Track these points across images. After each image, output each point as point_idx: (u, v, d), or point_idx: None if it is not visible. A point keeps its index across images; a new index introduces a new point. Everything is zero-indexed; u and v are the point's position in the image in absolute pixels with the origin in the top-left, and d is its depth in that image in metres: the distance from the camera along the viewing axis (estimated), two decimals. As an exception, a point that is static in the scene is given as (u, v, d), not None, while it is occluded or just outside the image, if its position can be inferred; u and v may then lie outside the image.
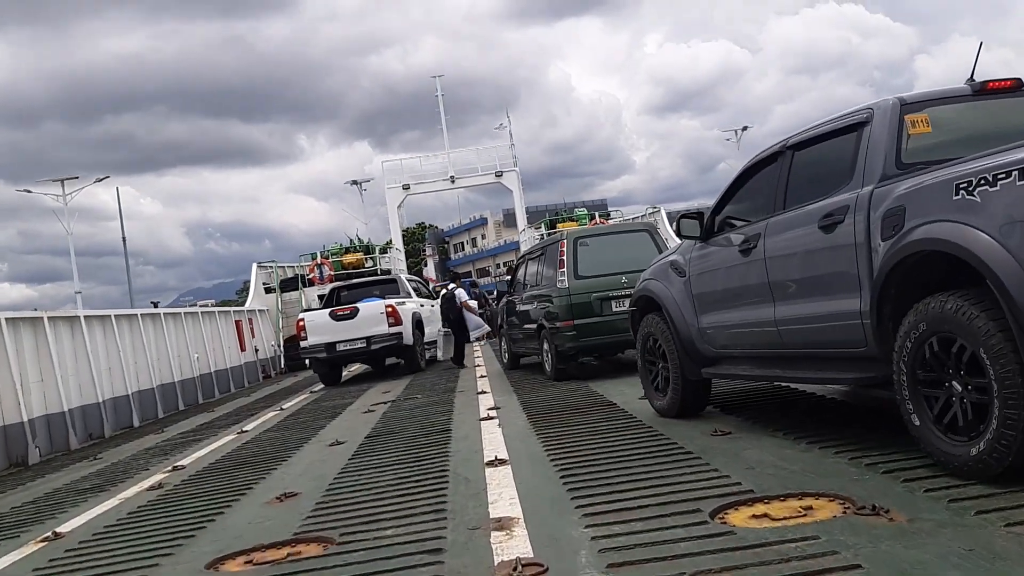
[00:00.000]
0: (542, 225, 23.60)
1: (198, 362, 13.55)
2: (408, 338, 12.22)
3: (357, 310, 12.08)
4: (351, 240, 23.13)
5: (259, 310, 19.03)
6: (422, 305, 13.59)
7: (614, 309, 8.59)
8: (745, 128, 42.25)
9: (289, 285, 21.16)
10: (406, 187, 29.58)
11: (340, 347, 12.03)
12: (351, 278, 21.25)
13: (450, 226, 71.49)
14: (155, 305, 18.05)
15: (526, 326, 10.21)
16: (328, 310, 12.40)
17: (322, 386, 12.58)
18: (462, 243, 70.91)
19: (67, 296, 33.76)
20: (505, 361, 11.64)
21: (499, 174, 29.84)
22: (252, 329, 17.60)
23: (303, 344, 12.26)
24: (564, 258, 8.86)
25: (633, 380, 6.49)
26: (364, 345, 11.97)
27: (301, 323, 12.24)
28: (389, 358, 13.29)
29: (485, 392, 8.72)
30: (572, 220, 23.00)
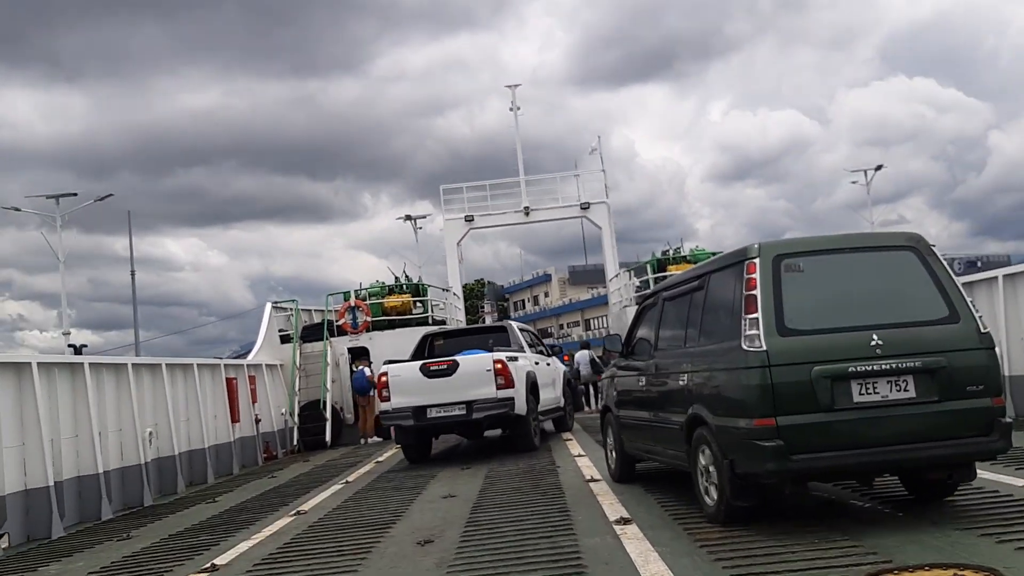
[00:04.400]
0: (647, 268, 19.78)
1: (153, 440, 10.30)
2: (521, 406, 10.64)
3: (456, 364, 10.58)
4: (396, 278, 19.85)
5: (267, 365, 15.92)
6: (537, 363, 11.98)
7: (857, 399, 4.87)
8: (879, 168, 38.67)
9: (312, 333, 18.07)
10: (469, 218, 26.45)
11: (432, 413, 10.52)
12: (393, 326, 18.03)
13: (511, 282, 74.53)
14: (76, 350, 15.41)
15: (659, 416, 6.60)
16: (419, 363, 10.87)
17: (356, 474, 10.69)
18: (523, 300, 72.18)
19: (128, 342, 32.65)
20: (612, 466, 8.18)
21: (585, 206, 26.40)
22: (253, 391, 14.42)
23: (383, 407, 10.85)
24: (756, 294, 5.21)
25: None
26: (463, 412, 10.45)
27: (384, 379, 10.81)
28: (493, 430, 11.66)
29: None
30: (690, 262, 19.13)
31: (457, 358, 10.73)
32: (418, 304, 19.38)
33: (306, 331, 18.29)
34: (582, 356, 20.32)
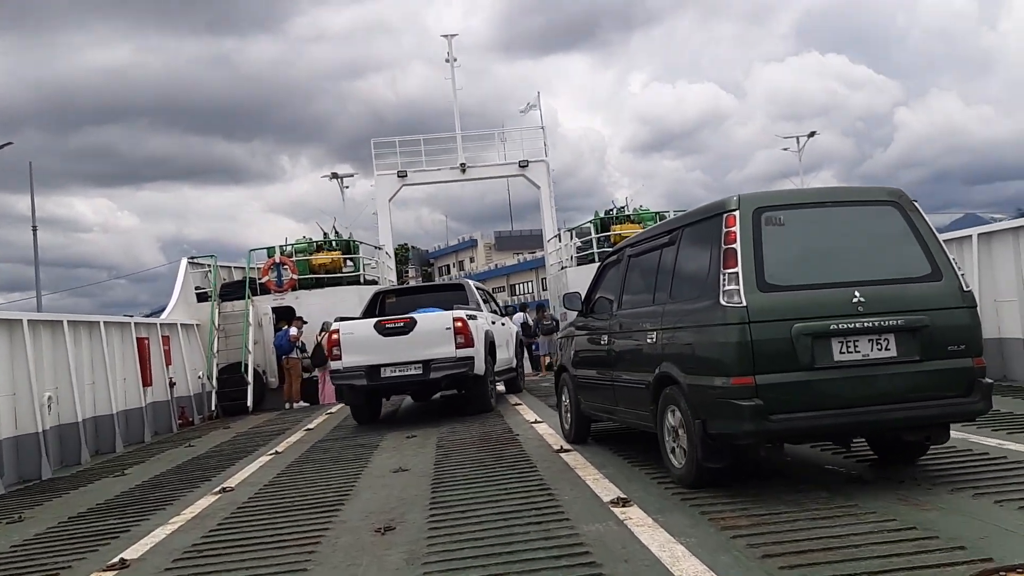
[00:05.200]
0: (591, 227, 19.68)
1: (52, 405, 9.57)
2: (480, 366, 10.48)
3: (414, 322, 10.28)
4: (325, 234, 19.10)
5: (183, 324, 15.11)
6: (493, 323, 11.80)
7: (838, 358, 4.82)
8: (812, 134, 39.94)
9: (233, 292, 17.27)
10: (402, 174, 25.79)
11: (387, 372, 10.23)
12: (322, 285, 17.41)
13: (435, 247, 74.51)
14: None
15: (622, 376, 6.48)
16: (373, 320, 10.54)
17: (285, 443, 9.85)
18: (448, 266, 72.68)
19: (31, 306, 30.30)
20: (567, 427, 8.08)
21: (524, 164, 26.09)
22: (168, 352, 13.67)
23: (334, 366, 10.39)
24: (735, 247, 5.08)
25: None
26: (420, 372, 10.19)
27: (335, 336, 10.38)
28: (447, 390, 11.49)
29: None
30: (634, 222, 19.11)
31: (415, 315, 10.47)
32: (348, 262, 18.76)
33: (226, 289, 17.48)
34: (517, 319, 20.21)
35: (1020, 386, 8.84)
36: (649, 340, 5.97)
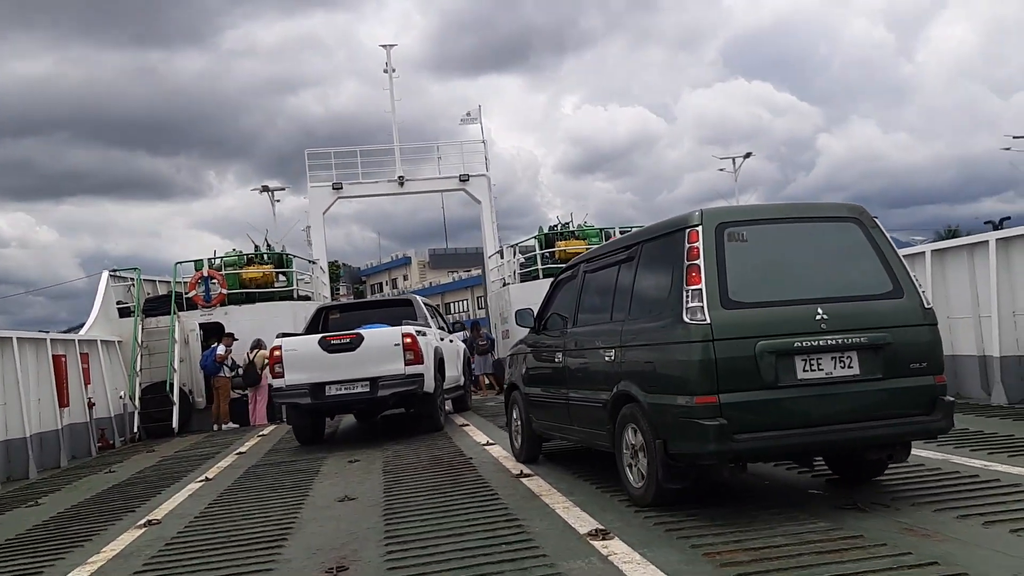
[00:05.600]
0: (535, 243, 19.63)
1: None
2: (429, 383, 10.29)
3: (361, 338, 10.02)
4: (256, 247, 18.51)
5: (103, 341, 14.36)
6: (442, 339, 11.80)
7: (801, 376, 4.83)
8: (748, 155, 41.20)
9: (158, 307, 16.55)
10: (337, 186, 25.24)
11: (332, 390, 9.95)
12: (253, 300, 16.84)
13: (367, 265, 74.33)
14: None
15: (577, 394, 6.39)
16: (317, 336, 10.25)
17: (216, 469, 9.23)
18: (380, 284, 72.74)
19: None
20: (518, 445, 7.94)
21: (464, 178, 25.88)
22: (86, 370, 12.95)
23: (276, 384, 10.09)
24: (698, 263, 5.05)
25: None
26: (367, 390, 9.96)
27: (277, 352, 10.09)
28: (394, 409, 11.21)
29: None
30: (579, 239, 19.16)
31: (362, 331, 10.21)
32: (281, 277, 18.23)
33: (150, 304, 16.74)
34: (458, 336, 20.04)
35: (975, 403, 9.07)
36: (607, 358, 5.90)
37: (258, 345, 15.14)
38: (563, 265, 19.10)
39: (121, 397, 14.55)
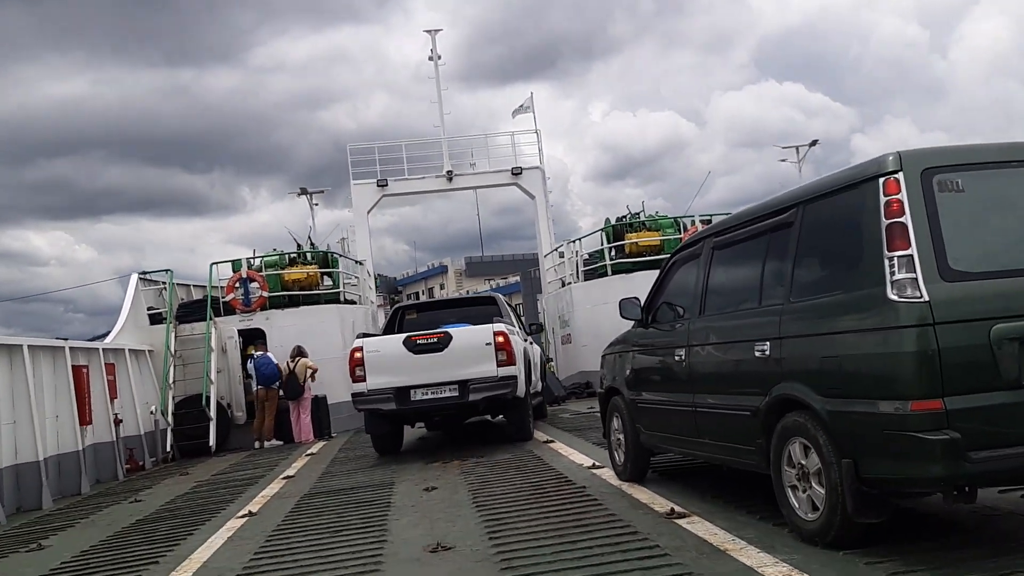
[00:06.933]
0: (601, 236, 18.52)
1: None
2: (522, 387, 9.89)
3: (449, 337, 9.67)
4: (299, 246, 17.71)
5: (132, 350, 13.65)
6: (527, 340, 11.60)
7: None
8: (814, 143, 39.40)
9: (193, 312, 15.84)
10: (382, 183, 24.43)
11: (417, 395, 9.61)
12: (296, 303, 16.02)
13: (404, 275, 73.39)
14: None
15: (710, 399, 5.39)
16: (401, 336, 9.88)
17: (261, 498, 8.03)
18: (417, 293, 75.20)
19: None
20: (621, 460, 6.90)
21: (517, 172, 24.86)
22: (112, 383, 12.22)
23: (357, 389, 9.72)
24: (904, 222, 3.93)
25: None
26: (456, 394, 9.58)
27: (359, 354, 9.69)
28: (480, 415, 10.94)
29: None
30: (651, 230, 17.96)
31: (449, 330, 9.84)
32: (326, 278, 17.40)
33: (184, 309, 16.02)
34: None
35: None
36: (758, 352, 4.79)
37: (300, 353, 14.30)
38: (633, 260, 18.32)
39: (152, 413, 13.80)
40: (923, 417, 3.72)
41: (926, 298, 3.78)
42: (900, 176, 4.03)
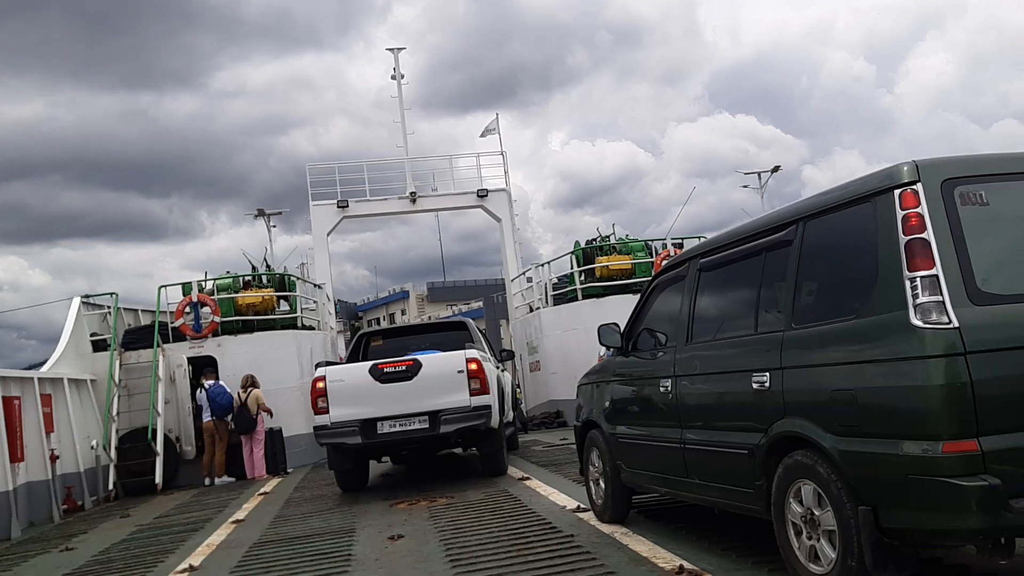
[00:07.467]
0: (571, 259, 18.08)
1: None
2: (496, 417, 9.46)
3: (419, 365, 9.24)
4: (253, 268, 16.95)
5: (72, 379, 12.82)
6: (499, 367, 11.16)
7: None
8: (776, 169, 39.71)
9: (139, 339, 15.03)
10: (343, 204, 23.84)
11: (385, 427, 9.16)
12: (250, 329, 15.29)
13: (364, 300, 73.02)
14: None
15: (704, 436, 4.95)
16: (367, 364, 9.41)
17: (206, 548, 7.31)
18: (378, 319, 74.69)
19: None
20: (599, 498, 6.45)
21: (483, 194, 24.45)
22: (48, 415, 11.41)
23: (320, 422, 9.25)
24: (927, 238, 3.53)
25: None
26: (426, 426, 9.13)
27: (321, 384, 9.24)
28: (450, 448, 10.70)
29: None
30: (622, 253, 17.58)
31: (419, 357, 9.38)
32: (283, 302, 16.71)
33: (130, 336, 15.19)
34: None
35: None
36: (756, 384, 4.34)
37: (252, 383, 13.57)
38: (604, 284, 17.94)
39: (93, 447, 12.96)
40: (956, 460, 3.30)
41: (955, 324, 3.37)
42: (919, 187, 3.64)
